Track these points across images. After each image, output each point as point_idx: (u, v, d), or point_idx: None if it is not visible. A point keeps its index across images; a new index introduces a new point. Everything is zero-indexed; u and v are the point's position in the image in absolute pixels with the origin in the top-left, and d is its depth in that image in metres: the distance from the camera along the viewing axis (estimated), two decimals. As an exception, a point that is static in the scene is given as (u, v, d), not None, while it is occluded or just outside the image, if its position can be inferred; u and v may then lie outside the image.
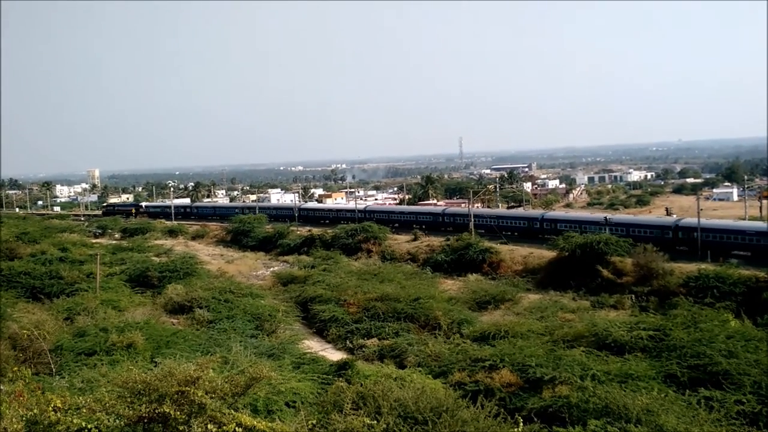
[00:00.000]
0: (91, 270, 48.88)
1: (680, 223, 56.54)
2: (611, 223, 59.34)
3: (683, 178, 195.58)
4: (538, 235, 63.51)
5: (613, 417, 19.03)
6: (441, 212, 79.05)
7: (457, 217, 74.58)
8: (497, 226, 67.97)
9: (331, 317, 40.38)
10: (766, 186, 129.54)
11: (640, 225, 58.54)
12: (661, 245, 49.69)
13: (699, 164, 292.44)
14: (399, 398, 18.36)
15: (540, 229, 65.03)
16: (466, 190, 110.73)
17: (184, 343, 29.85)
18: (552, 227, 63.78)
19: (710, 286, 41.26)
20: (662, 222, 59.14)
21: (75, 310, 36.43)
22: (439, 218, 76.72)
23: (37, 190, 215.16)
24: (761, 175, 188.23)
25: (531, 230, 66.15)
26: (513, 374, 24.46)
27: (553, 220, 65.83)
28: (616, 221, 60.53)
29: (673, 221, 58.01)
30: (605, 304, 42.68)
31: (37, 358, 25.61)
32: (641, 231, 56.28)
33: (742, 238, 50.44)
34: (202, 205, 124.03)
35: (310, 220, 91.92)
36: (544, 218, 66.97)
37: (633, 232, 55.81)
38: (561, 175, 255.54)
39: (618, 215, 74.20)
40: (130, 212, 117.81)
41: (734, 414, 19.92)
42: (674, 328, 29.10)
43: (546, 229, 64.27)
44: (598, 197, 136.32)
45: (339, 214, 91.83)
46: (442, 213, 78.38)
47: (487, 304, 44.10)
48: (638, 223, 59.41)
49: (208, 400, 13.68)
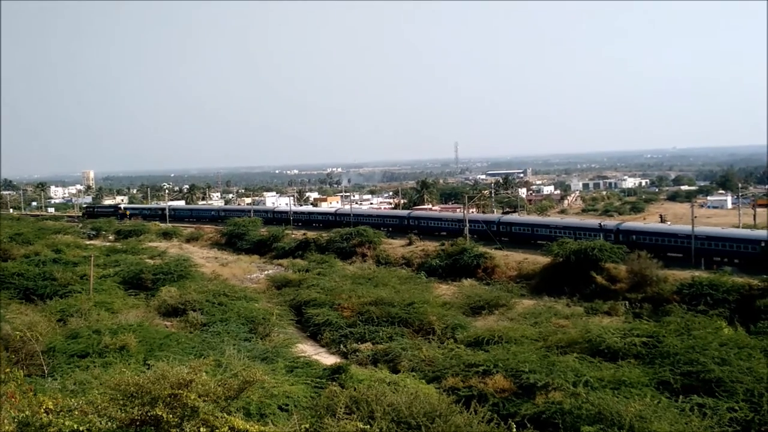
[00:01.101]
0: (84, 272, 48.78)
1: (621, 226, 60.00)
2: (559, 226, 65.01)
3: (678, 186, 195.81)
4: (496, 237, 67.54)
5: (606, 423, 19.03)
6: (407, 215, 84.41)
7: (420, 220, 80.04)
8: (458, 229, 71.40)
9: (325, 321, 40.31)
10: (760, 194, 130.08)
11: (585, 228, 62.44)
12: None
13: (693, 172, 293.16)
14: (392, 403, 18.34)
15: (497, 231, 68.95)
16: (462, 195, 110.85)
17: (177, 346, 29.77)
18: (507, 230, 68.85)
19: (704, 293, 41.39)
20: (606, 225, 62.08)
21: (68, 311, 36.32)
22: (404, 221, 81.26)
23: (32, 191, 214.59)
24: (756, 183, 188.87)
25: (489, 232, 69.19)
26: (506, 380, 24.47)
27: (509, 224, 70.44)
28: (564, 225, 65.68)
29: (615, 225, 61.37)
30: (599, 310, 42.74)
31: (30, 359, 25.49)
32: (587, 234, 59.43)
33: (675, 240, 54.36)
34: (179, 207, 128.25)
35: (286, 222, 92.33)
36: (500, 222, 71.80)
37: (580, 235, 59.25)
38: (556, 181, 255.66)
39: (567, 218, 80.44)
40: (110, 214, 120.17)
41: (727, 421, 19.96)
42: (667, 335, 29.15)
43: (502, 231, 68.88)
44: (593, 203, 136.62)
45: (311, 217, 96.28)
46: (408, 216, 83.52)
47: (482, 309, 44.09)
48: (583, 227, 63.63)
49: (200, 403, 13.67)
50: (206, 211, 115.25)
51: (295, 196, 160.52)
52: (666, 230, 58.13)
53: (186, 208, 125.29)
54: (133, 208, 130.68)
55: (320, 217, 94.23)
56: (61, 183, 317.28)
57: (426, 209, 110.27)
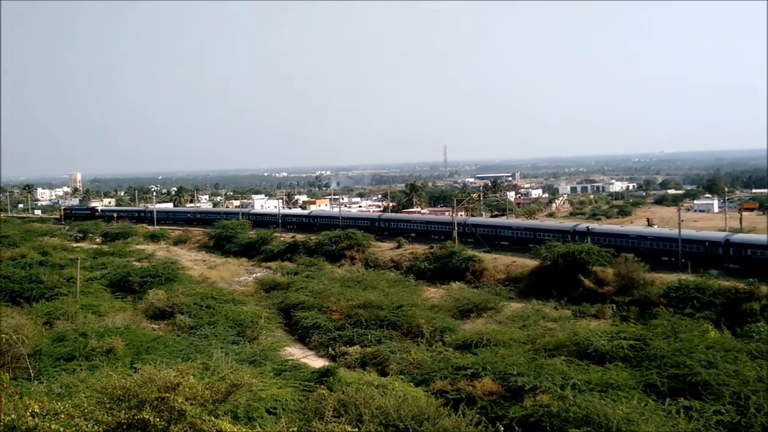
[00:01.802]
0: (71, 274, 48.47)
1: (577, 228, 64.24)
2: (519, 228, 69.71)
3: (665, 190, 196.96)
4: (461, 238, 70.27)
5: (593, 426, 19.12)
6: (377, 218, 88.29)
7: (390, 222, 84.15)
8: (426, 231, 76.33)
9: (313, 324, 40.25)
10: (746, 198, 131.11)
11: (544, 230, 66.83)
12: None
13: (680, 176, 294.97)
14: (380, 406, 18.36)
15: (463, 232, 71.61)
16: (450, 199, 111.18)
17: (164, 349, 29.64)
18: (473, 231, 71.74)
19: (690, 296, 41.62)
20: (563, 227, 66.75)
21: (54, 314, 36.11)
22: (375, 223, 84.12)
23: (18, 193, 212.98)
24: (742, 187, 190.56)
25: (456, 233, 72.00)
26: (495, 383, 24.50)
27: (474, 225, 73.77)
28: (524, 226, 70.56)
29: (571, 226, 65.78)
30: (586, 313, 42.91)
31: (16, 362, 25.31)
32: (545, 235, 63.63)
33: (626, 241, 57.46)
34: (158, 209, 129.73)
35: (261, 224, 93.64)
36: (466, 223, 74.90)
37: (539, 236, 63.54)
38: (544, 184, 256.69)
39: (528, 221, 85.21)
40: (87, 216, 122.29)
41: (713, 424, 20.08)
42: (654, 338, 29.32)
43: (467, 232, 71.59)
44: (581, 207, 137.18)
45: (287, 219, 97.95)
46: (378, 218, 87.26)
47: (470, 312, 44.18)
48: (542, 228, 68.07)
49: (188, 406, 13.62)
50: (182, 213, 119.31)
51: (283, 199, 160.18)
52: (618, 231, 61.86)
53: (163, 210, 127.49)
54: (110, 209, 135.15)
55: (294, 219, 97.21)
56: (48, 185, 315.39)
57: (414, 212, 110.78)
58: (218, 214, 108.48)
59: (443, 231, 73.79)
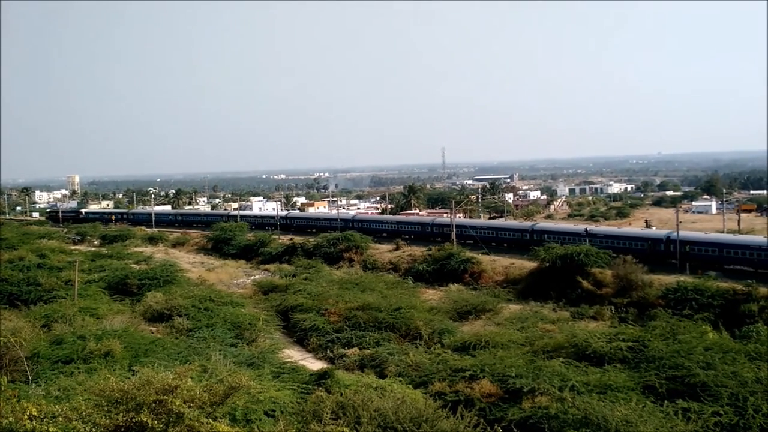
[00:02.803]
0: (69, 277, 48.43)
1: (535, 227, 68.59)
2: (483, 227, 73.93)
3: (663, 191, 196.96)
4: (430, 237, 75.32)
5: (592, 428, 19.13)
6: (351, 218, 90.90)
7: (363, 223, 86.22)
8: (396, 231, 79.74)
9: (311, 326, 40.23)
10: (744, 200, 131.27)
11: (505, 229, 71.42)
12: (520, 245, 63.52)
13: (678, 177, 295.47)
14: (379, 408, 18.36)
15: (431, 233, 76.49)
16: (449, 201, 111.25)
17: (162, 352, 29.64)
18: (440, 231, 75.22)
19: (689, 298, 41.62)
20: (523, 226, 71.31)
21: (52, 317, 36.09)
22: (349, 224, 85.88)
23: (16, 195, 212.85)
24: (739, 188, 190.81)
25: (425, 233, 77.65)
26: (493, 385, 24.52)
27: (441, 225, 77.30)
28: (487, 226, 75.05)
29: (530, 225, 70.63)
30: (585, 315, 42.89)
31: (14, 365, 25.29)
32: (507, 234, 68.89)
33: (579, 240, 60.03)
34: (138, 212, 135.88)
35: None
36: (434, 223, 78.96)
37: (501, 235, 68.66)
38: (542, 186, 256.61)
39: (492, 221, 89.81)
40: (72, 218, 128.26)
41: (712, 425, 20.09)
42: (653, 339, 29.35)
43: (435, 232, 75.86)
44: (579, 209, 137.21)
45: (264, 220, 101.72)
46: (352, 219, 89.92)
47: (468, 314, 44.16)
48: (504, 227, 72.45)
49: (186, 409, 13.61)
50: (165, 215, 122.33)
51: (282, 201, 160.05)
52: (572, 230, 65.11)
53: (145, 212, 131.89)
54: (94, 212, 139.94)
55: (271, 220, 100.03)
56: (46, 188, 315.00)
57: (413, 214, 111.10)
58: (198, 216, 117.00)
59: (413, 231, 78.87)
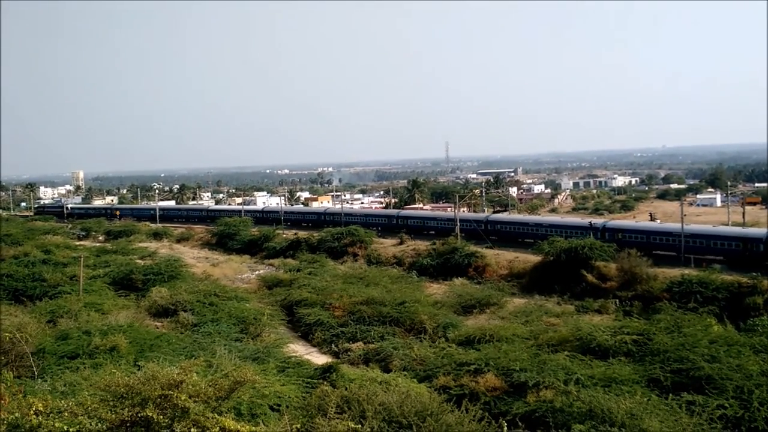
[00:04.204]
0: (74, 272, 48.53)
1: (489, 218, 73.65)
2: (442, 218, 78.07)
3: (667, 184, 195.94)
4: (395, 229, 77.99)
5: (596, 421, 19.11)
6: (323, 212, 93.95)
7: (334, 216, 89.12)
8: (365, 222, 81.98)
9: (316, 321, 40.30)
10: (749, 192, 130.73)
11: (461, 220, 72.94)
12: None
13: (683, 170, 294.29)
14: (383, 402, 18.36)
15: (396, 224, 79.47)
16: (453, 195, 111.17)
17: (167, 347, 29.71)
18: (404, 223, 79.38)
19: (693, 291, 41.49)
20: (477, 217, 75.75)
21: (58, 312, 36.17)
22: (322, 217, 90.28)
23: (21, 191, 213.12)
24: (744, 181, 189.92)
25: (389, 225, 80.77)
26: (498, 378, 24.52)
27: (405, 217, 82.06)
28: (446, 218, 78.62)
29: (484, 216, 75.97)
30: (589, 308, 42.83)
31: (19, 361, 25.35)
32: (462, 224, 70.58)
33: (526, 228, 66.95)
34: (122, 207, 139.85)
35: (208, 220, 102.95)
36: (399, 216, 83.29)
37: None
38: (546, 180, 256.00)
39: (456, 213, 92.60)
40: (58, 213, 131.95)
41: (716, 418, 20.07)
42: (658, 332, 29.28)
43: (399, 224, 78.97)
44: (583, 202, 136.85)
45: (242, 214, 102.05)
46: (324, 212, 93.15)
47: (473, 308, 44.16)
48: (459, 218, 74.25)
49: (191, 404, 13.63)
50: (146, 211, 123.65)
51: (286, 196, 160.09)
52: (519, 220, 71.54)
53: (127, 207, 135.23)
54: (80, 207, 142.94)
55: (249, 214, 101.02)
56: (51, 184, 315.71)
57: (417, 209, 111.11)
58: (179, 211, 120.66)
59: (380, 223, 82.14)
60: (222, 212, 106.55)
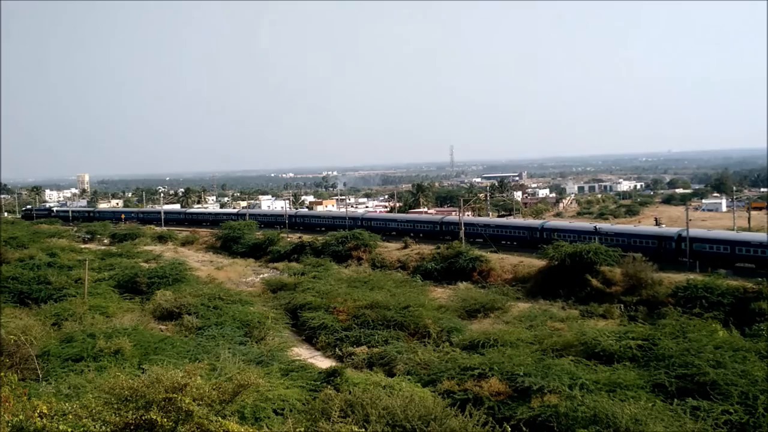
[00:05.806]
0: (79, 275, 48.68)
1: (444, 219, 76.23)
2: (404, 220, 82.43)
3: (672, 189, 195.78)
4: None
5: (601, 426, 19.08)
6: (294, 214, 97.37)
7: (305, 218, 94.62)
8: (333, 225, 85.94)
9: (320, 324, 40.25)
10: (754, 197, 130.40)
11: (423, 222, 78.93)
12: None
13: (688, 175, 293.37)
14: (387, 406, 18.35)
15: (361, 225, 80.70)
16: (457, 199, 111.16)
17: (172, 350, 29.76)
18: (368, 225, 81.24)
19: (698, 296, 41.38)
20: (434, 219, 78.72)
21: (63, 315, 36.30)
22: (293, 219, 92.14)
23: (26, 194, 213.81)
24: (750, 186, 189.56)
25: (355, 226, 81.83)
26: (502, 383, 24.47)
27: (370, 219, 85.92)
28: (408, 219, 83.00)
29: (440, 218, 78.11)
30: (594, 313, 42.75)
31: (24, 363, 25.43)
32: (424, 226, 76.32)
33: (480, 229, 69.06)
34: (104, 209, 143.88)
35: (196, 222, 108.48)
36: (363, 218, 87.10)
37: (418, 227, 75.17)
38: (551, 184, 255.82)
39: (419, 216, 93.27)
40: (45, 216, 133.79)
41: (721, 424, 20.02)
42: (663, 337, 29.23)
43: (364, 225, 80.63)
44: (588, 206, 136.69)
45: (218, 217, 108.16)
46: (294, 215, 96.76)
47: (477, 312, 44.08)
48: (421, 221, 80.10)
49: (195, 407, 13.63)
50: (136, 214, 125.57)
51: (290, 200, 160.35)
52: (470, 221, 73.19)
53: (109, 210, 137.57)
54: (65, 210, 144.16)
55: (224, 217, 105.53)
56: (56, 187, 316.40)
57: (421, 212, 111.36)
58: (167, 213, 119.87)
59: (345, 225, 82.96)
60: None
